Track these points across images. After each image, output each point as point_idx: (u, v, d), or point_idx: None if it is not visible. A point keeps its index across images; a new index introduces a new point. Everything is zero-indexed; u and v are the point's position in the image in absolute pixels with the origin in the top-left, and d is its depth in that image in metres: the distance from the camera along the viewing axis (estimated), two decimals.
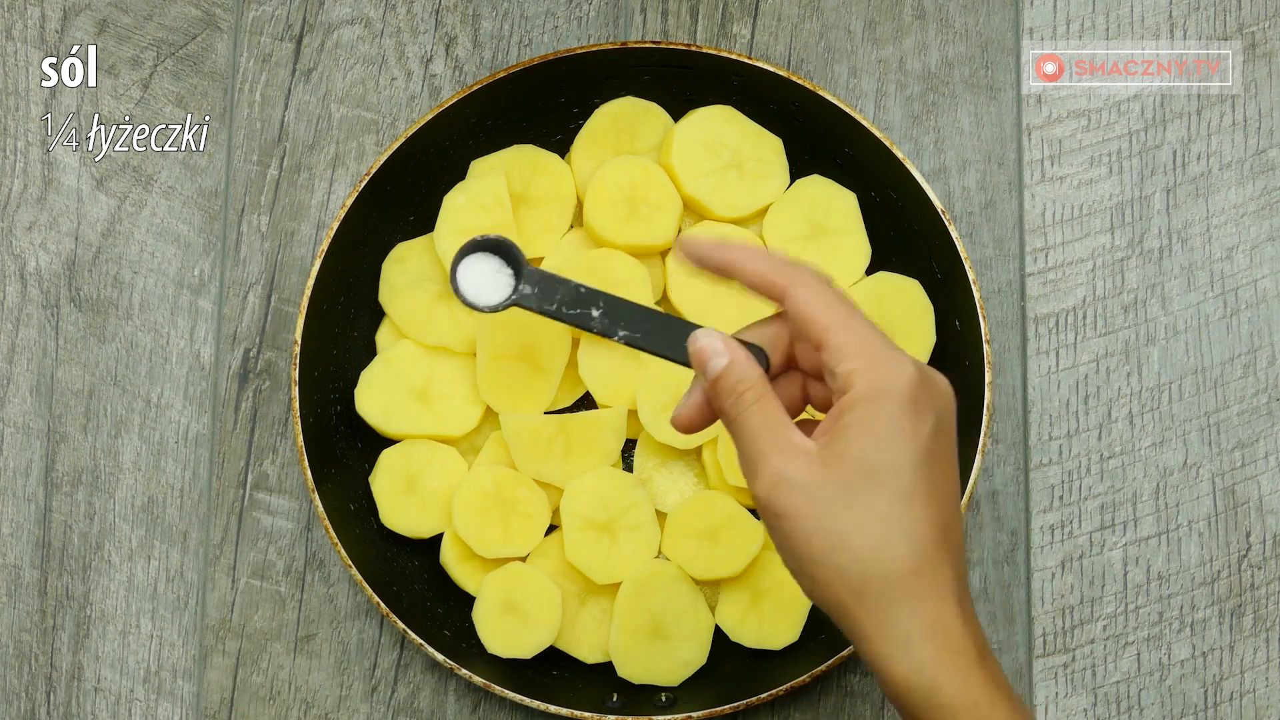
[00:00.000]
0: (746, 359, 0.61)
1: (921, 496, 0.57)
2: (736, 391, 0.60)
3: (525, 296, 0.65)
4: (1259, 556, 0.82)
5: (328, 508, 0.77)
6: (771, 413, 0.60)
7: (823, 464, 0.58)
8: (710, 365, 0.61)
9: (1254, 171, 0.85)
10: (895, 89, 0.86)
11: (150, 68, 0.86)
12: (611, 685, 0.79)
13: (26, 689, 0.82)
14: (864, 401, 0.58)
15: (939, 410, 0.59)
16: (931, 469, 0.58)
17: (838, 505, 0.57)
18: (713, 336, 0.62)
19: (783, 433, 0.59)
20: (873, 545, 0.57)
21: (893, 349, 0.59)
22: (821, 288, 0.60)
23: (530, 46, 0.86)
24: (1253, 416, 0.83)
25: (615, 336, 0.65)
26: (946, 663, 0.57)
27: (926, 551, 0.57)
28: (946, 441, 0.59)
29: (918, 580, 0.57)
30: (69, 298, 0.85)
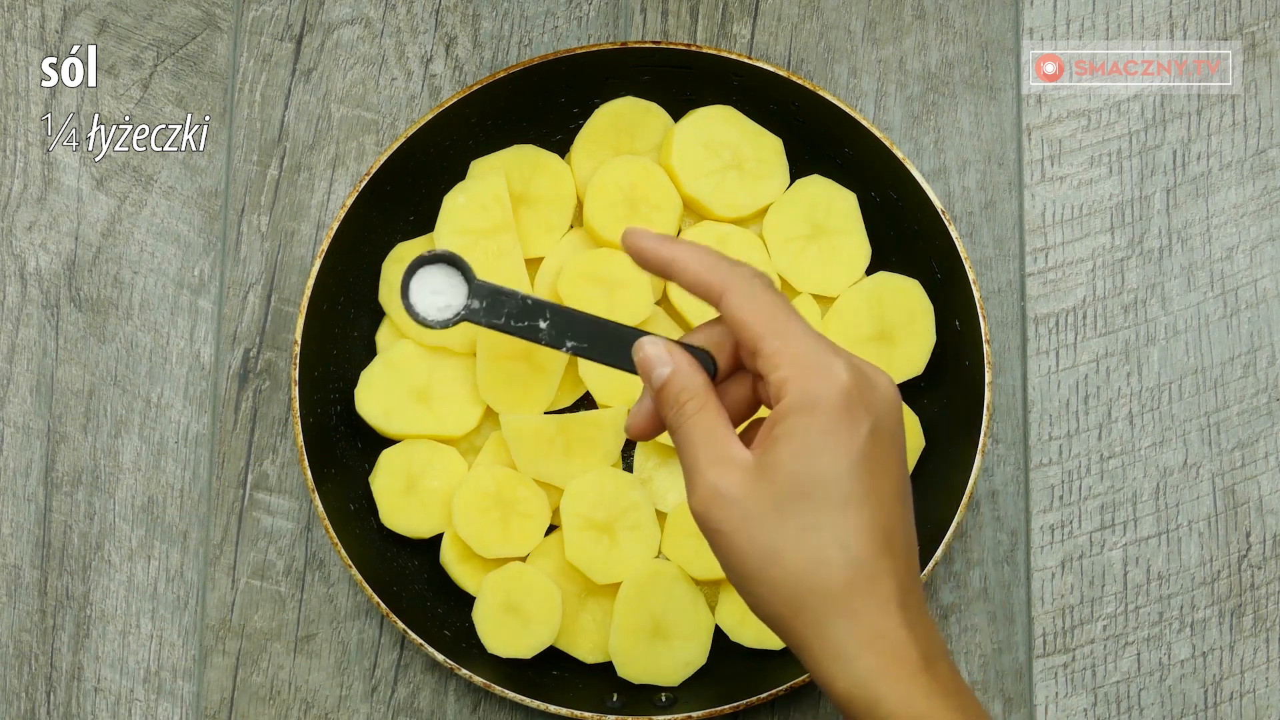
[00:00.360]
0: (689, 367, 0.60)
1: (856, 506, 0.57)
2: (679, 402, 0.60)
3: (474, 312, 0.65)
4: (1259, 556, 0.82)
5: (328, 508, 0.77)
6: (710, 424, 0.59)
7: (756, 478, 0.57)
8: (654, 375, 0.61)
9: (1254, 171, 0.85)
10: (895, 89, 0.86)
11: (150, 68, 0.86)
12: (611, 685, 0.79)
13: (26, 689, 0.82)
14: (795, 412, 0.57)
15: (877, 413, 0.58)
16: (869, 476, 0.57)
17: (770, 520, 0.57)
18: (657, 345, 0.61)
19: (720, 446, 0.58)
20: (806, 560, 0.56)
21: (825, 354, 0.58)
22: (756, 291, 0.59)
23: (530, 46, 0.86)
24: (1253, 416, 0.83)
25: (564, 347, 0.64)
26: (887, 674, 0.56)
27: (864, 562, 0.56)
28: (887, 444, 0.58)
29: (854, 593, 0.56)
30: (69, 298, 0.85)
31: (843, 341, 0.81)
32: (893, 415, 0.59)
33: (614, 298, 0.80)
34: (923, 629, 0.58)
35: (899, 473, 0.59)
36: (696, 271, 0.60)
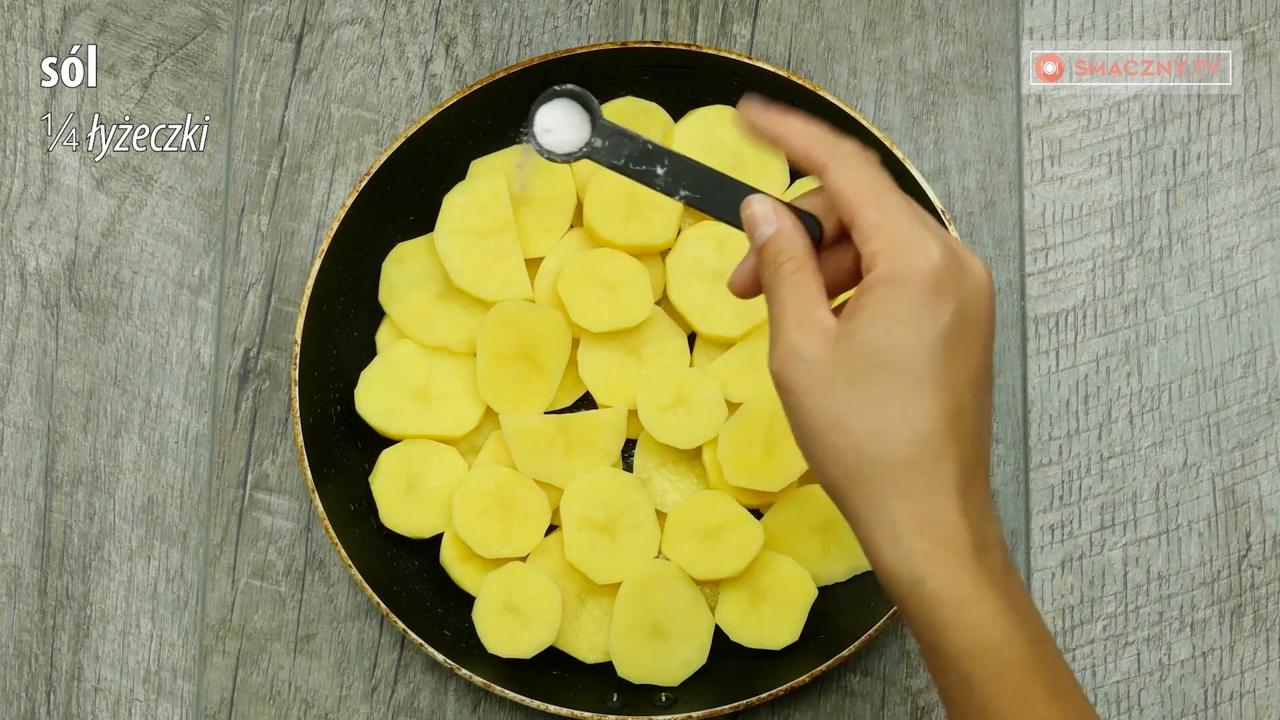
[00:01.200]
0: (793, 229, 0.60)
1: (929, 385, 0.56)
2: (777, 262, 0.60)
3: (595, 150, 0.64)
4: (1259, 556, 0.82)
5: (328, 508, 0.77)
6: (804, 287, 0.59)
7: (835, 343, 0.57)
8: (758, 233, 0.61)
9: (1254, 171, 0.85)
10: (895, 89, 0.86)
11: (150, 68, 0.86)
12: (611, 685, 0.79)
13: (26, 689, 0.82)
14: (881, 284, 0.57)
15: (964, 297, 0.57)
16: (947, 357, 0.57)
17: (840, 386, 0.57)
18: (765, 203, 0.61)
19: (808, 308, 0.58)
20: (870, 431, 0.56)
21: (920, 231, 0.57)
22: (857, 165, 0.59)
23: (530, 46, 0.86)
24: (1253, 416, 0.83)
25: (677, 195, 0.64)
26: (935, 556, 0.56)
27: (927, 441, 0.56)
28: (971, 330, 0.58)
29: (914, 470, 0.56)
30: (69, 298, 0.85)
31: None
32: (981, 302, 0.58)
33: (614, 298, 0.80)
34: (978, 517, 0.57)
35: (979, 360, 0.58)
36: (803, 143, 0.60)
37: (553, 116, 0.66)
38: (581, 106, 0.65)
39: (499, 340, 0.80)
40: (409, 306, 0.81)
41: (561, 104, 0.66)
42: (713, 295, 0.81)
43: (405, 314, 0.81)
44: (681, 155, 0.63)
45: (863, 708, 0.82)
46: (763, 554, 0.80)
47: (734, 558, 0.79)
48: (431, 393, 0.81)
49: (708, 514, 0.80)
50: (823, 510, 0.80)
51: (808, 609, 0.80)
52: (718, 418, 0.80)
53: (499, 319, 0.80)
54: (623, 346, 0.81)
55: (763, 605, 0.79)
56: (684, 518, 0.80)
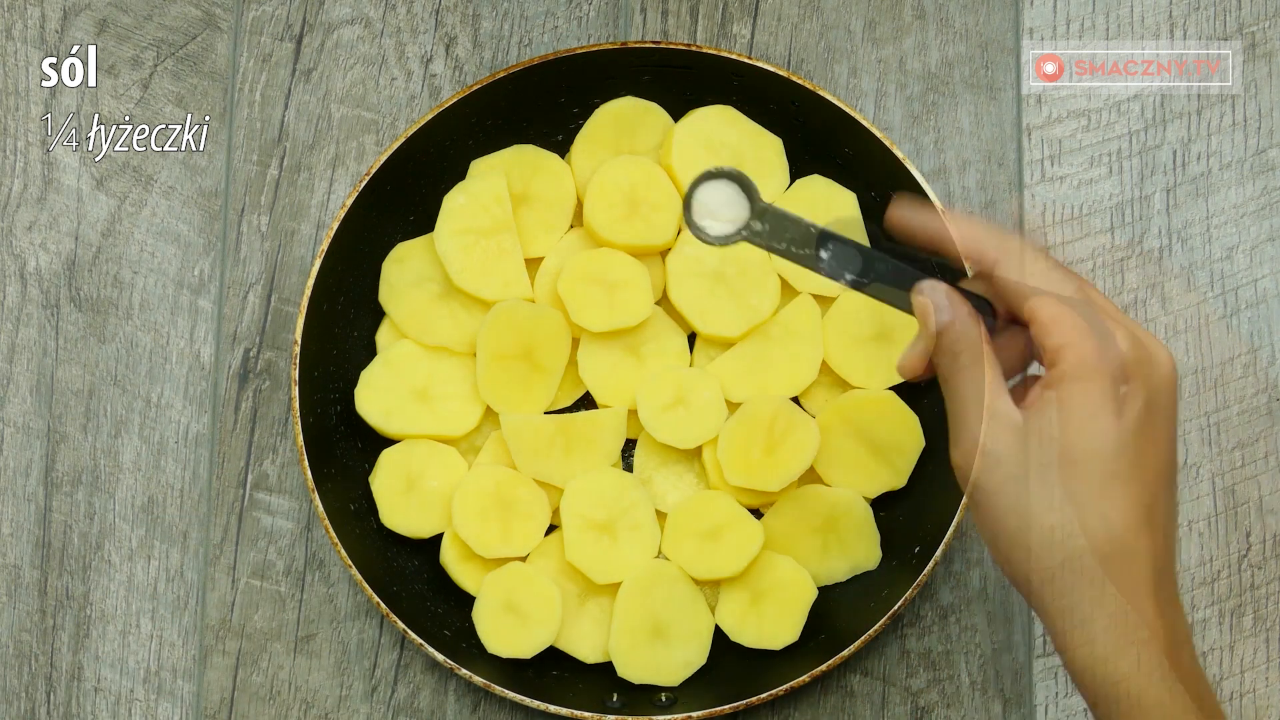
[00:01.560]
0: (968, 317, 0.60)
1: (1121, 481, 0.56)
2: (954, 352, 0.60)
3: (755, 234, 0.63)
4: (1259, 556, 0.82)
5: (328, 508, 0.77)
6: (983, 379, 0.59)
7: (1023, 440, 0.57)
8: (932, 321, 0.60)
9: (1254, 171, 0.85)
10: (895, 89, 0.86)
11: (150, 68, 0.86)
12: (611, 685, 0.79)
13: (26, 689, 0.82)
14: (1069, 380, 0.57)
15: (1152, 388, 0.57)
16: (1138, 451, 0.56)
17: (1033, 484, 0.57)
18: (938, 291, 0.61)
19: (991, 400, 0.58)
20: (1063, 528, 0.56)
21: (1104, 324, 0.57)
22: (1033, 257, 0.59)
23: (530, 46, 0.86)
24: (1253, 416, 0.83)
25: (843, 280, 0.63)
26: (1131, 654, 0.56)
27: (1122, 538, 0.56)
28: (1160, 421, 0.57)
29: (1109, 567, 0.56)
30: (69, 298, 0.85)
31: (842, 341, 0.81)
32: (1168, 391, 0.58)
33: (614, 298, 0.80)
34: (1172, 613, 0.57)
35: (1168, 451, 0.58)
36: (969, 240, 0.61)
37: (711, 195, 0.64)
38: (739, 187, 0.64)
39: (499, 340, 0.80)
40: (409, 306, 0.81)
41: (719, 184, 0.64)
42: (713, 295, 0.81)
43: (405, 314, 0.81)
44: (846, 239, 0.62)
45: (863, 708, 0.82)
46: (763, 554, 0.80)
47: (734, 558, 0.79)
48: (431, 393, 0.81)
49: (708, 514, 0.80)
50: (823, 510, 0.80)
51: (808, 609, 0.80)
52: (718, 418, 0.80)
53: (499, 319, 0.80)
54: (623, 346, 0.81)
55: (763, 605, 0.79)
56: (684, 518, 0.80)
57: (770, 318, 0.81)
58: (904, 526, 0.80)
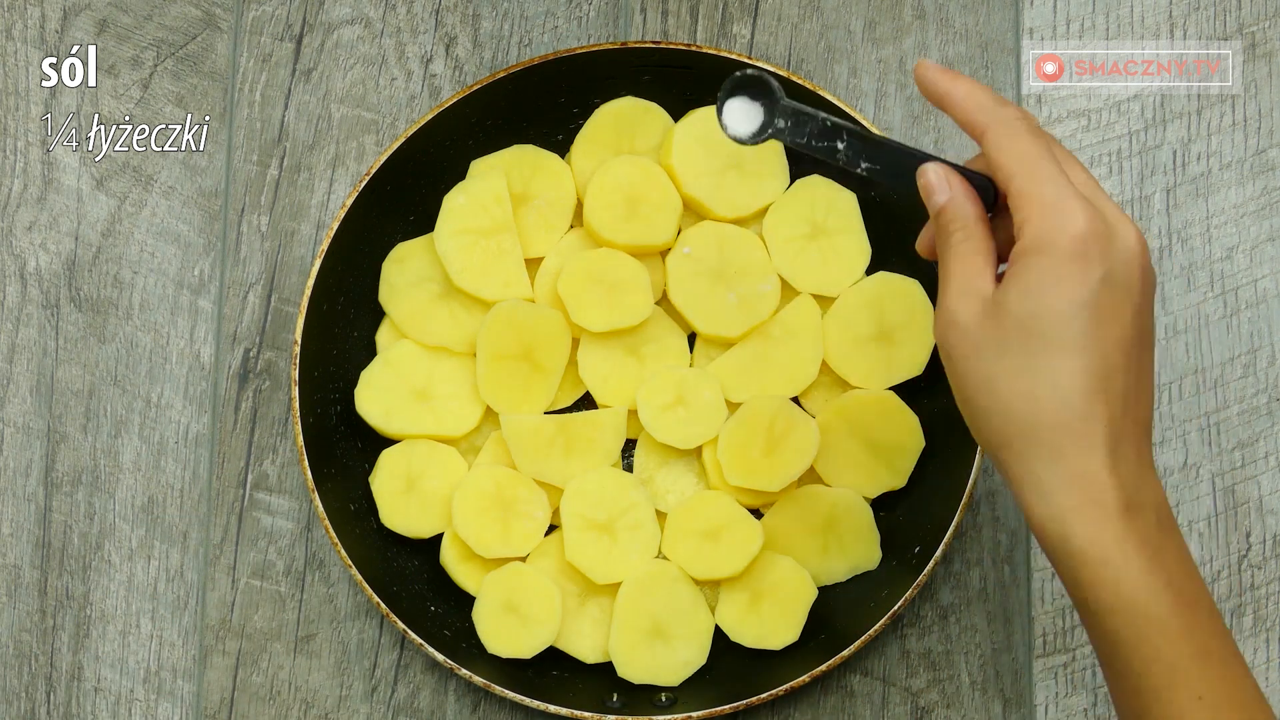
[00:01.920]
0: (963, 197, 0.62)
1: (1074, 349, 0.58)
2: (948, 230, 0.62)
3: (780, 131, 0.66)
4: (1259, 556, 0.82)
5: (328, 508, 0.77)
6: (970, 255, 0.61)
7: (989, 311, 0.59)
8: (932, 200, 0.63)
9: (1254, 171, 0.85)
10: (895, 89, 0.86)
11: (150, 68, 0.86)
12: (611, 685, 0.79)
13: (26, 689, 0.82)
14: (1029, 253, 0.59)
15: (1113, 261, 0.59)
16: (1094, 321, 0.58)
17: (991, 352, 0.59)
18: (938, 171, 0.63)
19: (970, 277, 0.60)
20: (1017, 395, 0.58)
21: (1068, 199, 0.59)
22: (1016, 133, 0.60)
23: (530, 46, 0.86)
24: (1253, 416, 0.83)
25: (858, 168, 0.65)
26: (1081, 513, 0.58)
27: (1073, 404, 0.58)
28: (1121, 293, 0.59)
29: (1060, 432, 0.58)
30: (69, 298, 0.85)
31: (842, 341, 0.81)
32: (1129, 266, 0.59)
33: (614, 297, 0.80)
34: (1131, 478, 0.59)
35: (1132, 322, 0.59)
36: (966, 107, 0.62)
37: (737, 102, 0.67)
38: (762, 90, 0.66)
39: (499, 340, 0.80)
40: (409, 306, 0.81)
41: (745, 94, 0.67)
42: (713, 295, 0.81)
43: (405, 314, 0.81)
44: (860, 130, 0.65)
45: (863, 708, 0.82)
46: (763, 554, 0.80)
47: (734, 558, 0.79)
48: (431, 393, 0.81)
49: (708, 514, 0.80)
50: (823, 510, 0.80)
51: (808, 609, 0.80)
52: (718, 418, 0.80)
53: (499, 319, 0.80)
54: (623, 346, 0.81)
55: (763, 605, 0.79)
56: (684, 518, 0.80)
57: (770, 318, 0.81)
58: (904, 526, 0.80)
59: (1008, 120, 0.61)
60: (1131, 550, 0.58)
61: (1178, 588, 0.58)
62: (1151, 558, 0.58)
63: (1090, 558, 0.58)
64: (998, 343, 0.59)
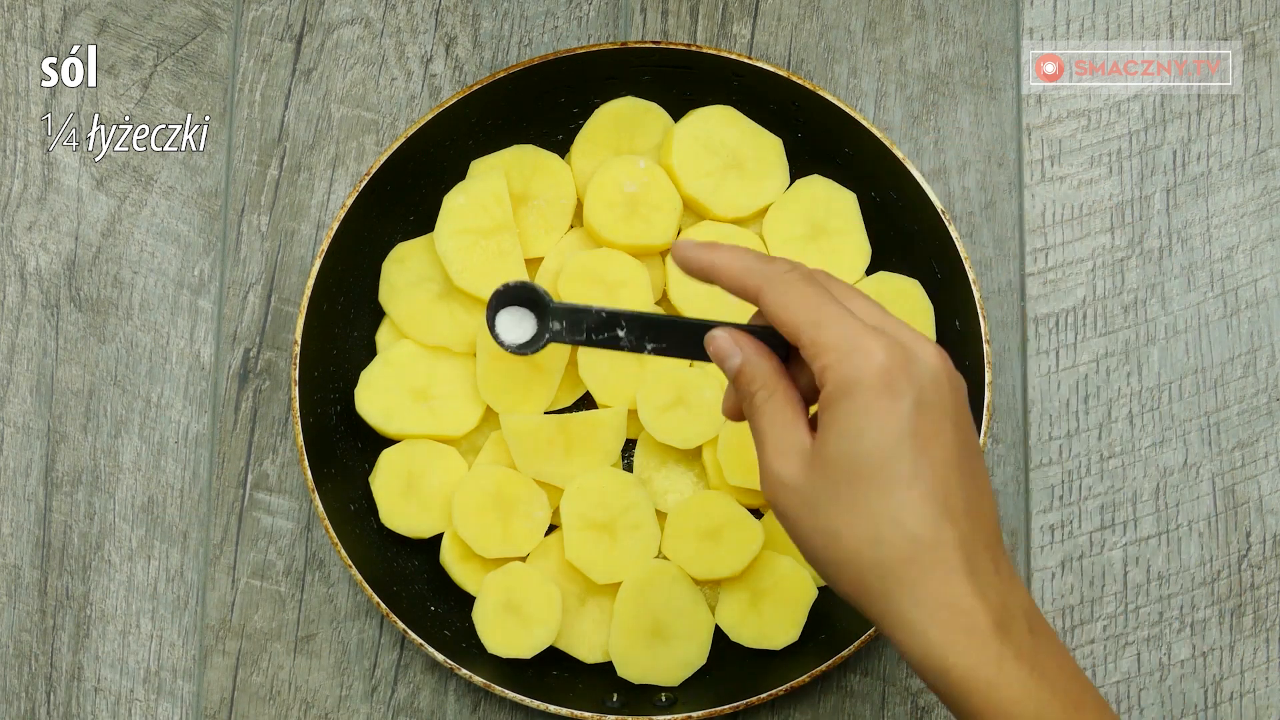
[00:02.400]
0: (756, 355, 0.61)
1: (905, 481, 0.57)
2: (749, 391, 0.61)
3: (557, 334, 0.67)
4: (1259, 556, 0.82)
5: (328, 508, 0.77)
6: (777, 413, 0.60)
7: (812, 465, 0.58)
8: (726, 365, 0.62)
9: (1254, 171, 0.85)
10: (895, 89, 0.86)
11: (150, 68, 0.86)
12: (611, 685, 0.79)
13: (26, 689, 0.82)
14: (836, 398, 0.58)
15: (920, 384, 0.58)
16: (916, 449, 0.57)
17: (826, 504, 0.58)
18: (725, 337, 0.62)
19: (784, 434, 0.60)
20: (862, 541, 0.57)
21: (860, 336, 0.58)
22: (790, 285, 0.60)
23: (530, 46, 0.86)
24: (1253, 416, 0.83)
25: (645, 349, 0.66)
26: (955, 644, 0.56)
27: (919, 536, 0.57)
28: (935, 414, 0.58)
29: (914, 566, 0.57)
30: (69, 298, 0.85)
31: None
32: (938, 383, 0.59)
33: (614, 297, 0.80)
34: (995, 591, 0.57)
35: (954, 439, 0.58)
36: (734, 273, 0.61)
37: (507, 314, 0.70)
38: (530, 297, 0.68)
39: None
40: (409, 306, 0.81)
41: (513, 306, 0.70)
42: (712, 295, 0.81)
43: (405, 314, 0.81)
44: (635, 312, 0.65)
45: (863, 708, 0.82)
46: (763, 554, 0.80)
47: (734, 558, 0.79)
48: (431, 393, 0.81)
49: (708, 514, 0.80)
50: None
51: (808, 609, 0.80)
52: (718, 418, 0.80)
53: None
54: None
55: (763, 605, 0.79)
56: (684, 518, 0.80)
57: None
58: None
59: (779, 275, 0.60)
60: (1012, 668, 0.56)
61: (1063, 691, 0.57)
62: (1032, 669, 0.56)
63: (975, 686, 0.56)
64: (829, 494, 0.58)
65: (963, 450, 0.59)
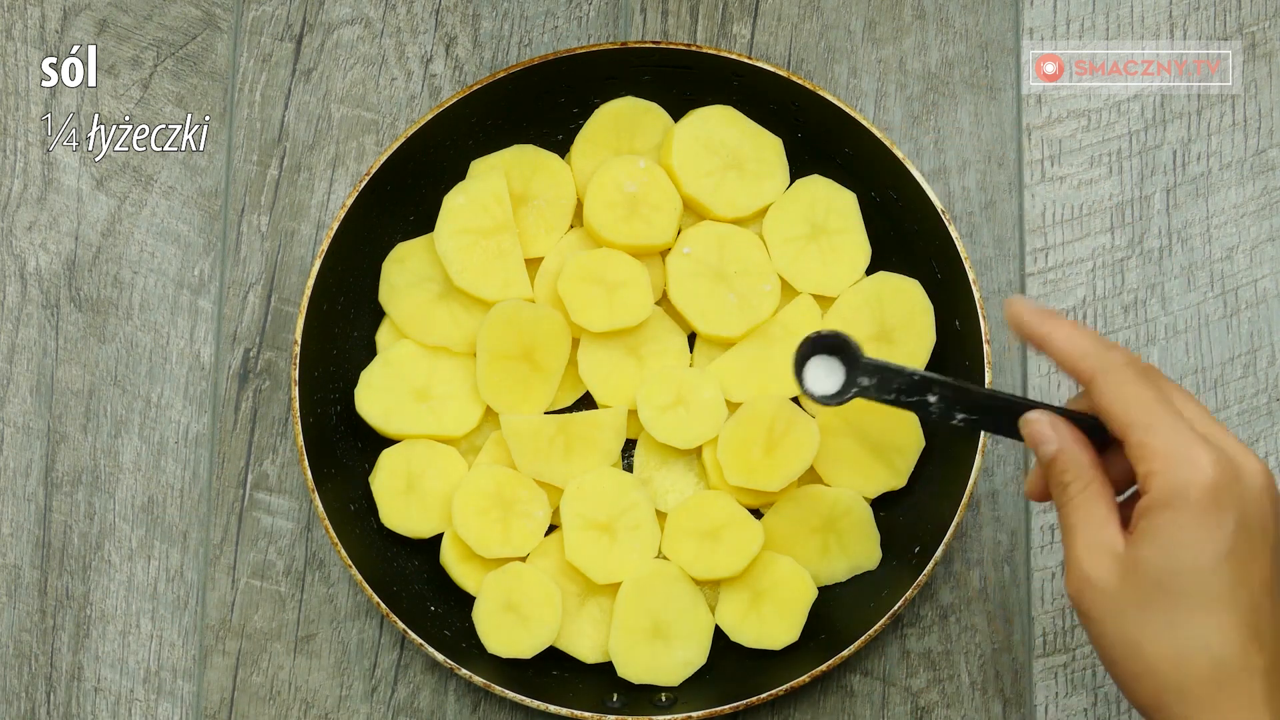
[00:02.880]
0: (1074, 444, 0.61)
1: (1221, 604, 0.56)
2: (1062, 481, 0.61)
3: (865, 389, 0.67)
4: None
5: (328, 508, 0.77)
6: (1091, 508, 0.60)
7: (1125, 569, 0.58)
8: (1040, 451, 0.62)
9: (1254, 171, 0.85)
10: (895, 89, 0.86)
11: (150, 68, 0.86)
12: (611, 685, 0.79)
13: (26, 689, 0.82)
14: (1159, 507, 0.57)
15: (1243, 505, 0.57)
16: (1235, 571, 0.57)
17: (1134, 614, 0.57)
18: (1043, 421, 0.62)
19: (1096, 531, 0.59)
20: (1167, 658, 0.57)
21: (1190, 446, 0.58)
22: (1125, 380, 0.59)
23: (530, 46, 0.86)
24: (1253, 416, 0.83)
25: (954, 420, 0.65)
26: None
27: (1227, 661, 0.56)
28: (1256, 537, 0.58)
29: (1217, 691, 0.56)
30: (69, 298, 0.85)
31: None
32: (1261, 505, 0.58)
33: (614, 297, 0.80)
34: None
35: (1271, 560, 0.58)
36: (1069, 353, 0.61)
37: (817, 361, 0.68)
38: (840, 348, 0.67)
39: (499, 340, 0.80)
40: (409, 306, 0.81)
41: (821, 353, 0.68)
42: (713, 295, 0.81)
43: (405, 314, 0.81)
44: (950, 380, 0.65)
45: (863, 708, 0.82)
46: (763, 554, 0.80)
47: (734, 558, 0.79)
48: (431, 393, 0.81)
49: (708, 514, 0.80)
50: (823, 510, 0.80)
51: (808, 609, 0.80)
52: (718, 418, 0.80)
53: (499, 319, 0.80)
54: (623, 346, 0.81)
55: (763, 605, 0.79)
56: (684, 518, 0.80)
57: (770, 318, 0.81)
58: (904, 526, 0.80)
59: (1116, 367, 0.60)
60: None
61: None
62: None
63: None
64: (1136, 603, 0.57)
65: (1275, 578, 0.58)
